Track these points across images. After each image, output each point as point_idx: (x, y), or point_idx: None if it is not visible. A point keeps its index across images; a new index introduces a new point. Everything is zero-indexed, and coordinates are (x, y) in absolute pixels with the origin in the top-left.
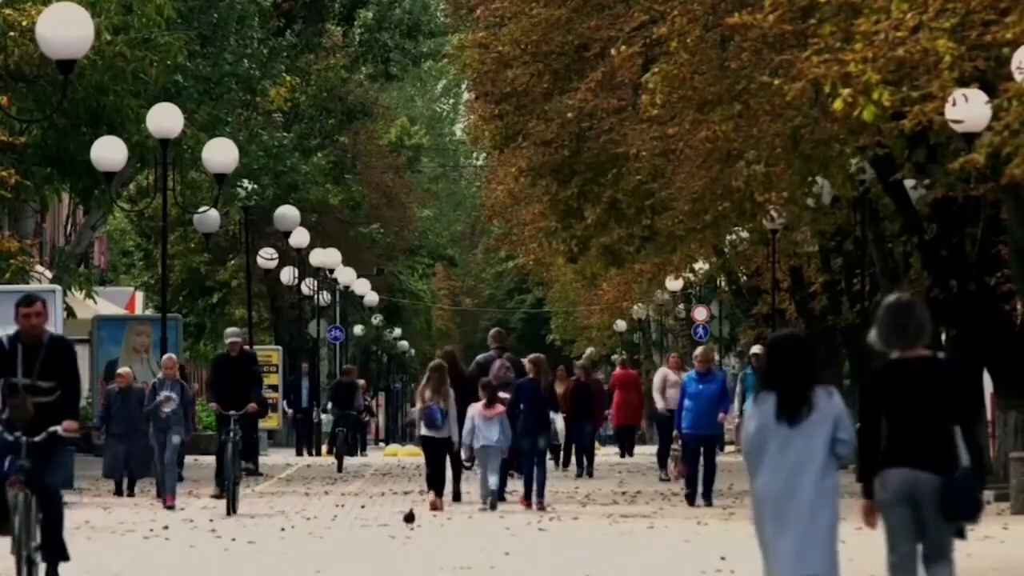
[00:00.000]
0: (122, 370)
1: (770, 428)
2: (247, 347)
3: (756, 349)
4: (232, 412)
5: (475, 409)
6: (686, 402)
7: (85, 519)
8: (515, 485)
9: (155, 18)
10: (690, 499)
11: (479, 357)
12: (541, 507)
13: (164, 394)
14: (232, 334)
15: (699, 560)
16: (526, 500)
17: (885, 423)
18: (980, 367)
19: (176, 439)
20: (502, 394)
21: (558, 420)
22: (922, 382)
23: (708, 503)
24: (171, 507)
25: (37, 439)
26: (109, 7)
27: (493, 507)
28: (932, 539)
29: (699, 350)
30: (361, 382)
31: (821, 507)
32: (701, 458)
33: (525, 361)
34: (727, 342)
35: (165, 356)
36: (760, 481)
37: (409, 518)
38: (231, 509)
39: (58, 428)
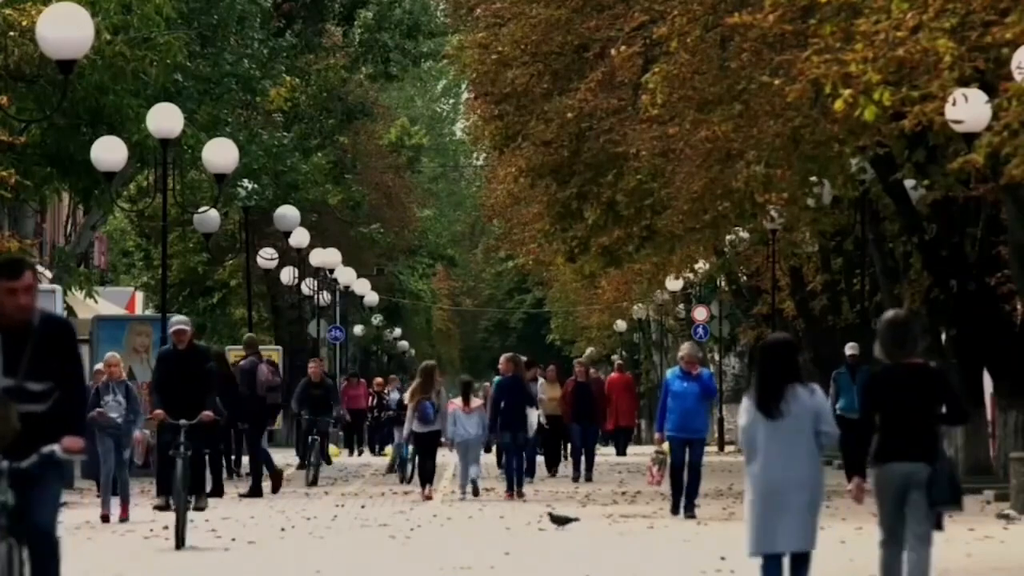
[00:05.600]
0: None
1: (759, 422)
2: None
3: (850, 349)
4: (183, 421)
5: (456, 404)
6: (669, 402)
7: (85, 519)
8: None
9: (155, 18)
10: (675, 508)
11: (243, 363)
12: (521, 496)
13: (106, 400)
14: (178, 322)
15: (699, 560)
16: (509, 493)
17: (880, 419)
18: (980, 367)
19: (127, 452)
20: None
21: (533, 415)
22: (914, 386)
23: (690, 514)
24: (126, 519)
25: (24, 464)
26: (109, 7)
27: (476, 493)
28: (916, 524)
29: (684, 348)
30: (378, 381)
31: (807, 491)
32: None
33: (501, 359)
34: (727, 342)
35: (108, 354)
36: (753, 468)
37: (561, 520)
38: (180, 540)
39: (55, 448)
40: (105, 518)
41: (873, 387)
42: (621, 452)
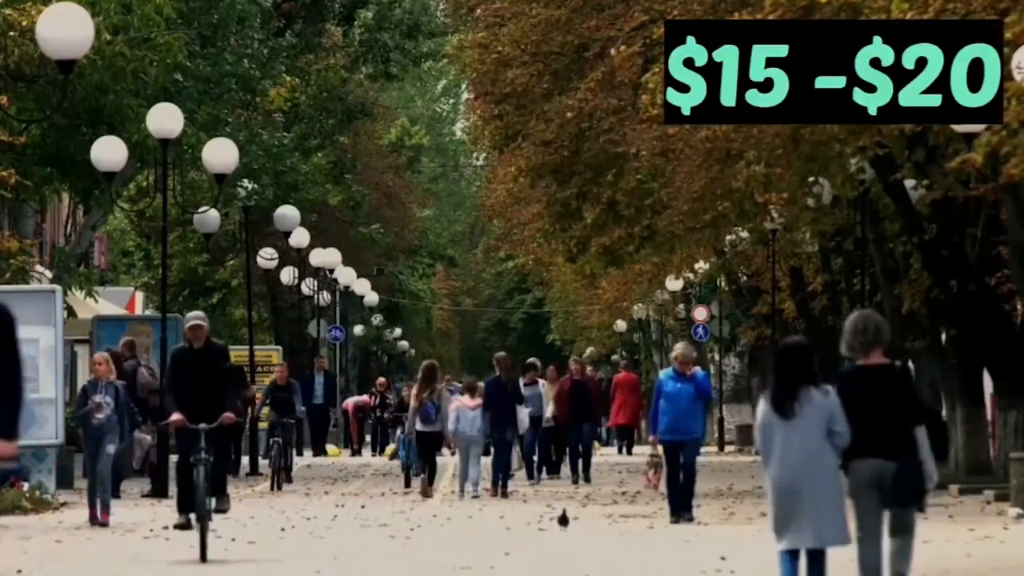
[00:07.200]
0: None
1: (775, 421)
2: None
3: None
4: (202, 425)
5: (458, 402)
6: (662, 403)
7: (85, 519)
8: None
9: (155, 18)
10: (674, 513)
11: (124, 365)
12: (505, 495)
13: (96, 400)
14: (194, 317)
15: (699, 560)
16: (493, 489)
17: (851, 417)
18: (980, 367)
19: (111, 448)
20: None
21: (523, 412)
22: (881, 384)
23: (687, 518)
24: (106, 524)
25: None
26: (109, 7)
27: (474, 492)
28: (895, 517)
29: (678, 348)
30: (380, 381)
31: (821, 489)
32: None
33: (494, 359)
34: (727, 342)
35: (96, 354)
36: (772, 467)
37: (563, 520)
38: (202, 554)
39: None
40: (94, 519)
41: (842, 386)
42: (627, 451)
